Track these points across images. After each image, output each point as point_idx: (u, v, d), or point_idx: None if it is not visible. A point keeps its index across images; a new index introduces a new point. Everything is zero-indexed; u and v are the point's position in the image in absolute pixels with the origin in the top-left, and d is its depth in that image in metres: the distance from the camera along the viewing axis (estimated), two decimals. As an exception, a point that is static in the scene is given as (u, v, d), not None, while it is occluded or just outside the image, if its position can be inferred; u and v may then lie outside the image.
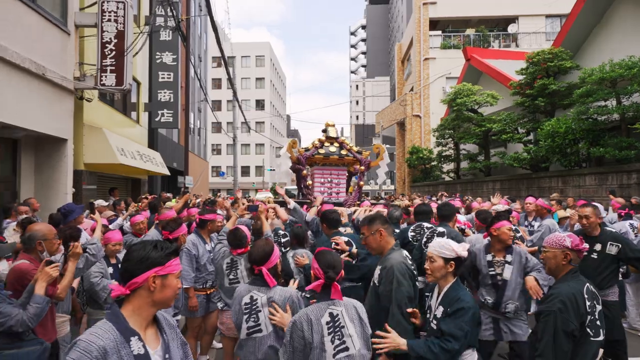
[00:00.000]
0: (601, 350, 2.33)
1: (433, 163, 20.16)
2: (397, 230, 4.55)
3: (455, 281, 2.51)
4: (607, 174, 9.82)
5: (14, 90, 6.42)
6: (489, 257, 3.52)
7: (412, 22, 24.80)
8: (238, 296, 2.65)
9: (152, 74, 13.22)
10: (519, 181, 13.22)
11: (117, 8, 8.02)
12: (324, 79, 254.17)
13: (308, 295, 2.76)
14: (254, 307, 2.56)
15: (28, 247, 3.36)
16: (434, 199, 11.70)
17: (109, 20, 8.00)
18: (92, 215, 5.12)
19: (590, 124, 10.06)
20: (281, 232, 4.54)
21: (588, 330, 2.28)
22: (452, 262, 2.47)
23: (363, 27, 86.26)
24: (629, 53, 9.71)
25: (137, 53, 8.94)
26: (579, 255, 2.46)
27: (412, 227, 4.33)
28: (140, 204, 6.83)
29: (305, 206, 6.69)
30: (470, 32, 23.47)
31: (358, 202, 8.71)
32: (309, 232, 4.79)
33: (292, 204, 5.64)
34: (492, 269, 3.48)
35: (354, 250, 3.76)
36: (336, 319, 2.22)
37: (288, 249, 4.26)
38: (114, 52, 7.96)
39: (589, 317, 2.28)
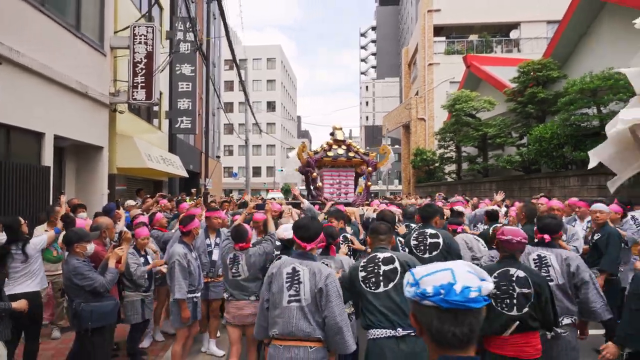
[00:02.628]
0: (516, 323, 2.78)
1: (436, 164, 21.07)
2: (413, 225, 4.92)
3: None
4: (588, 176, 10.71)
5: (64, 107, 7.63)
6: None
7: (418, 29, 25.73)
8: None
9: (172, 84, 14.39)
10: (513, 182, 14.11)
11: (147, 32, 9.17)
12: (336, 80, 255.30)
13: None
14: (295, 278, 2.81)
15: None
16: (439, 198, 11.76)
17: (140, 42, 9.15)
18: (117, 211, 6.20)
19: (573, 130, 10.95)
20: None
21: (492, 302, 2.82)
22: None
23: (373, 29, 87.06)
24: (609, 65, 10.57)
25: (163, 70, 10.10)
26: (501, 244, 2.97)
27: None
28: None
29: (317, 206, 7.61)
30: (473, 38, 24.31)
31: (367, 202, 9.57)
32: None
33: (305, 203, 6.48)
34: None
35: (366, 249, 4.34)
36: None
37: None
38: (144, 71, 9.12)
39: (493, 291, 2.84)
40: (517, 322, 2.77)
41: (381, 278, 2.80)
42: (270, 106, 56.09)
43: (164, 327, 5.77)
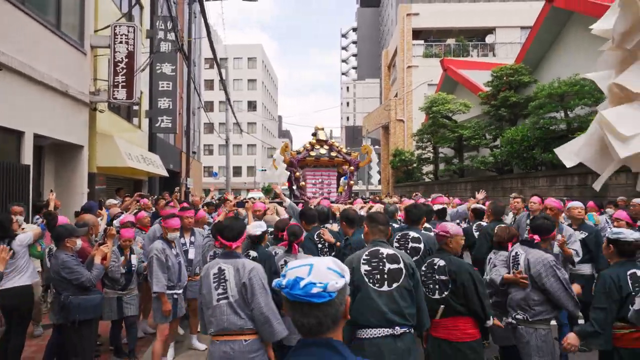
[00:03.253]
0: (441, 307, 3.05)
1: (414, 165, 21.54)
2: (395, 225, 4.99)
3: None
4: (556, 177, 11.25)
5: (44, 106, 7.63)
6: None
7: (397, 32, 26.21)
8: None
9: (152, 83, 14.35)
10: (487, 182, 14.62)
11: (128, 31, 9.21)
12: (317, 80, 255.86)
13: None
14: (222, 277, 2.90)
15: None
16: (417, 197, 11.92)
17: (121, 42, 9.18)
18: (99, 211, 6.27)
19: (542, 133, 11.47)
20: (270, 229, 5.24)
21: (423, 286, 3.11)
22: None
23: (354, 30, 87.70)
24: (575, 71, 11.11)
25: (143, 69, 10.13)
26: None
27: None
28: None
29: (300, 204, 7.51)
30: (450, 41, 24.93)
31: (349, 201, 9.69)
32: None
33: (287, 201, 6.48)
34: None
35: (338, 243, 4.33)
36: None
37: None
38: (124, 70, 9.15)
39: (422, 278, 3.13)
40: (442, 306, 3.03)
41: (386, 276, 2.74)
42: (251, 106, 55.93)
43: (144, 326, 5.83)
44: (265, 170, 51.30)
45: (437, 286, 3.09)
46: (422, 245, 3.89)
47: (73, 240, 3.82)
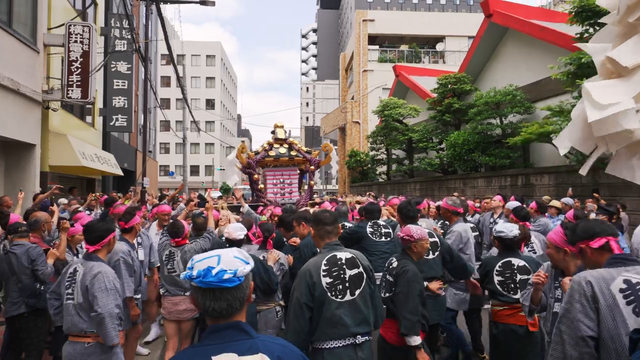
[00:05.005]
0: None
1: (369, 165, 22.41)
2: (347, 224, 5.00)
3: None
4: (492, 177, 12.31)
5: (-5, 104, 7.58)
6: None
7: (353, 37, 27.05)
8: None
9: (107, 81, 14.18)
10: (433, 182, 15.64)
11: (83, 31, 9.24)
12: (277, 78, 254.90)
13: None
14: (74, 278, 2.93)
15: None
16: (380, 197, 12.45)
17: (75, 41, 9.20)
18: (51, 207, 6.39)
19: (481, 138, 12.51)
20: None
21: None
22: None
23: (314, 31, 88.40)
24: (510, 82, 12.23)
25: (98, 70, 10.15)
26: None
27: (370, 224, 4.52)
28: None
29: (260, 207, 7.48)
30: (404, 48, 26.06)
31: (311, 202, 9.13)
32: None
33: (245, 207, 6.47)
34: None
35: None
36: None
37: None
38: (79, 70, 9.18)
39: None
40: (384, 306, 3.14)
41: (347, 284, 2.49)
42: (210, 104, 55.19)
43: None
44: (223, 169, 50.83)
45: (385, 285, 3.15)
46: (436, 239, 3.76)
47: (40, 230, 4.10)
